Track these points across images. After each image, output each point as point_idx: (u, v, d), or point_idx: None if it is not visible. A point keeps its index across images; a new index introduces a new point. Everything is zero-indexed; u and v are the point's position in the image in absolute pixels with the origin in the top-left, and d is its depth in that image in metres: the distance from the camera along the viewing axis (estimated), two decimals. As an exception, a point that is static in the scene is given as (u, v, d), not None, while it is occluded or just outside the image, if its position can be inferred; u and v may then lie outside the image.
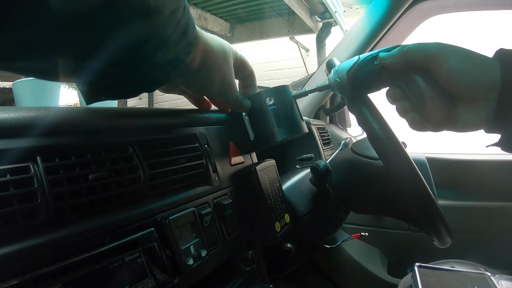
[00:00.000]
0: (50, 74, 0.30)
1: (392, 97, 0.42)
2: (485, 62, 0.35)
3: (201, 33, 0.39)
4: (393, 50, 0.39)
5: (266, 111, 0.48)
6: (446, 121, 0.38)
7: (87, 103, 0.36)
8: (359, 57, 0.42)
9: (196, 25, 0.36)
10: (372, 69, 0.41)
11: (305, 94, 0.51)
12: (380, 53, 0.40)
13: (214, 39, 0.41)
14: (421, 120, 0.39)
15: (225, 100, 0.47)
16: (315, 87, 0.49)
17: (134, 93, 0.36)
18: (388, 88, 0.42)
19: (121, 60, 0.30)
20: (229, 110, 0.54)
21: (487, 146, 0.39)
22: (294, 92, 0.50)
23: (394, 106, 0.42)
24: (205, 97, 0.52)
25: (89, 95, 0.35)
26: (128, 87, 0.35)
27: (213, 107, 0.54)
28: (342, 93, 0.44)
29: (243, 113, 0.50)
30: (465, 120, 0.37)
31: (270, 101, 0.48)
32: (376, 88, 0.43)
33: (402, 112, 0.41)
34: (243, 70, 0.48)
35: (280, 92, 0.49)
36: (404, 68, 0.39)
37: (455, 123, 0.37)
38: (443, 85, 0.37)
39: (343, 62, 0.44)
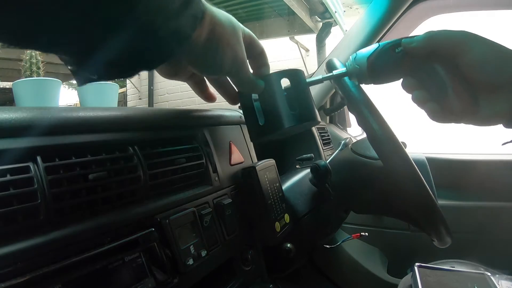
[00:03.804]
0: (33, 41, 0.25)
1: (408, 87, 0.41)
2: (509, 54, 0.35)
3: (207, 5, 0.35)
4: (418, 35, 0.38)
5: (280, 94, 0.44)
6: (467, 112, 0.37)
7: (79, 84, 0.31)
8: (379, 45, 0.41)
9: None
10: (393, 56, 0.40)
11: (320, 81, 0.47)
12: (404, 39, 0.39)
13: (221, 12, 0.37)
14: (442, 110, 0.38)
15: (237, 80, 0.42)
16: (331, 74, 0.46)
17: (132, 71, 0.32)
18: (402, 79, 0.41)
19: (114, 21, 0.25)
20: (234, 100, 0.49)
21: (503, 144, 0.39)
22: (308, 79, 0.47)
23: (410, 96, 0.41)
24: (210, 88, 0.48)
25: (80, 75, 0.31)
26: (126, 63, 0.30)
27: (214, 103, 0.51)
28: (360, 80, 0.43)
29: (253, 96, 0.46)
30: (485, 112, 0.36)
31: (283, 84, 0.44)
32: (395, 76, 0.41)
33: (419, 102, 0.40)
34: (253, 47, 0.43)
35: (295, 75, 0.45)
36: (426, 55, 0.38)
37: (475, 115, 0.37)
38: (466, 74, 0.36)
39: (363, 49, 0.42)
